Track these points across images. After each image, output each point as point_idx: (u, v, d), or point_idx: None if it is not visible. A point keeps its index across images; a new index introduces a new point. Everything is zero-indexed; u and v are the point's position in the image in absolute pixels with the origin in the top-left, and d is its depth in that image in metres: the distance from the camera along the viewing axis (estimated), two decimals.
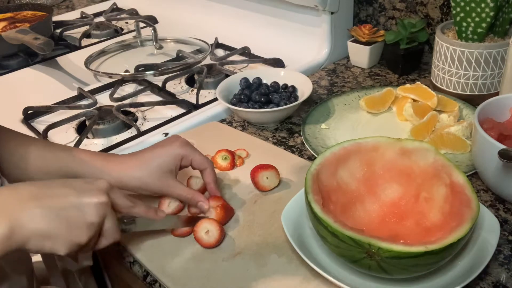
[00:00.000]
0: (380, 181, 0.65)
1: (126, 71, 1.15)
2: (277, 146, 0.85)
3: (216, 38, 1.29)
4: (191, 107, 1.00)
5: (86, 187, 0.53)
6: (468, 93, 0.92)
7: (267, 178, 0.73)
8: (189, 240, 0.66)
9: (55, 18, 1.61)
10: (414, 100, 0.89)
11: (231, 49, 1.24)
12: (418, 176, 0.63)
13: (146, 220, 0.62)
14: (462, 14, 0.88)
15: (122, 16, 1.57)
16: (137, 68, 1.17)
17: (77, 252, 0.53)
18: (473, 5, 0.86)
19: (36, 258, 0.73)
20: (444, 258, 0.53)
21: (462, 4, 0.87)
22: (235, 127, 0.92)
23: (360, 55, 1.10)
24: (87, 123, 0.97)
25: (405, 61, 1.05)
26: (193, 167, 0.69)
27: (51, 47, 1.14)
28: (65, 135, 0.95)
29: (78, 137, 0.90)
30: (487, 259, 0.55)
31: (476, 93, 0.91)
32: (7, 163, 0.66)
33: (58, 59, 1.32)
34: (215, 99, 1.01)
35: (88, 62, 1.23)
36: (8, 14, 1.45)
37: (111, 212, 0.55)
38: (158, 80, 1.12)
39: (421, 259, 0.51)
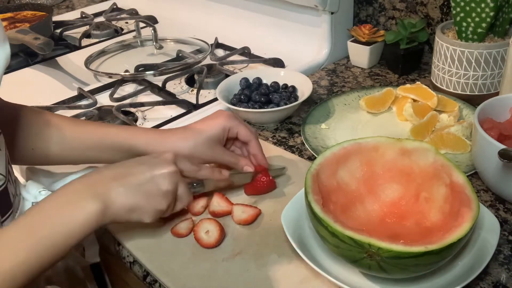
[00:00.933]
0: (380, 181, 0.65)
1: (126, 71, 1.15)
2: (277, 146, 0.85)
3: (216, 38, 1.29)
4: (191, 107, 1.00)
5: (155, 161, 0.61)
6: (468, 93, 0.92)
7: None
8: (189, 240, 0.66)
9: (55, 18, 1.61)
10: (414, 100, 0.89)
11: (231, 49, 1.24)
12: (418, 176, 0.63)
13: (212, 181, 0.69)
14: (462, 14, 0.88)
15: (122, 16, 1.57)
16: (137, 68, 1.17)
17: (160, 217, 0.62)
18: (473, 5, 0.86)
19: None
20: (444, 258, 0.53)
21: (462, 4, 0.87)
22: None
23: (360, 55, 1.10)
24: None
25: (405, 61, 1.05)
26: (239, 139, 0.74)
27: (51, 47, 1.14)
28: None
29: None
30: (487, 259, 0.55)
31: (476, 93, 0.91)
32: (35, 146, 0.71)
33: (58, 59, 1.32)
34: (215, 99, 1.01)
35: (88, 62, 1.23)
36: (8, 14, 1.45)
37: (182, 179, 0.63)
38: (158, 80, 1.12)
39: (421, 259, 0.51)
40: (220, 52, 1.26)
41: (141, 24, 1.39)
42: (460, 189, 0.58)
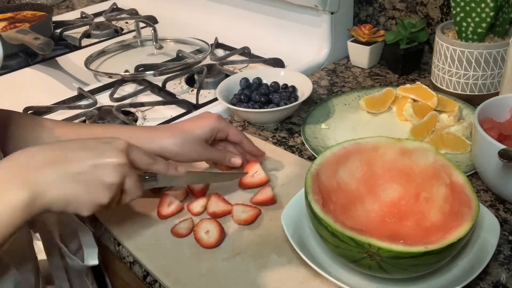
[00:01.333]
0: (380, 181, 0.65)
1: (126, 71, 1.15)
2: (277, 146, 0.85)
3: (216, 38, 1.29)
4: (191, 107, 1.00)
5: (104, 148, 0.53)
6: (468, 93, 0.92)
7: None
8: (189, 240, 0.66)
9: (55, 18, 1.61)
10: (414, 100, 0.89)
11: (231, 49, 1.24)
12: (418, 176, 0.63)
13: (167, 176, 0.64)
14: (462, 14, 0.88)
15: (122, 16, 1.57)
16: (137, 68, 1.17)
17: (101, 210, 0.54)
18: (473, 5, 0.86)
19: (41, 256, 0.73)
20: (444, 258, 0.53)
21: (462, 4, 0.87)
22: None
23: (360, 55, 1.10)
24: (87, 123, 0.97)
25: (405, 61, 1.05)
26: (230, 140, 0.75)
27: (51, 47, 1.14)
28: None
29: None
30: (487, 259, 0.55)
31: (476, 93, 0.91)
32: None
33: (58, 59, 1.32)
34: (215, 99, 1.01)
35: (88, 62, 1.23)
36: (8, 14, 1.45)
37: (131, 171, 0.56)
38: (158, 80, 1.12)
39: (421, 259, 0.51)
40: (220, 52, 1.26)
41: (141, 24, 1.39)
42: (460, 189, 0.58)
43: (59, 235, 0.71)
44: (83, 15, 1.60)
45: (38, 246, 0.77)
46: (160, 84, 1.10)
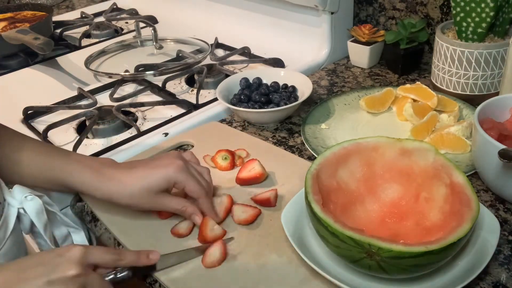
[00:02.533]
0: (380, 181, 0.65)
1: (126, 71, 1.15)
2: (277, 146, 0.85)
3: (216, 38, 1.29)
4: (191, 107, 1.00)
5: (57, 262, 0.53)
6: (468, 93, 0.92)
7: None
8: (189, 240, 0.66)
9: (55, 18, 1.61)
10: (414, 100, 0.89)
11: (231, 49, 1.24)
12: (418, 176, 0.63)
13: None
14: (462, 14, 0.88)
15: (122, 16, 1.57)
16: (137, 68, 1.17)
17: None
18: (473, 5, 0.86)
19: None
20: (444, 258, 0.53)
21: (462, 4, 0.87)
22: (235, 127, 0.92)
23: (360, 55, 1.10)
24: (87, 123, 0.97)
25: (405, 61, 1.05)
26: (187, 194, 0.68)
27: (51, 47, 1.14)
28: (65, 135, 0.95)
29: (78, 137, 0.90)
30: (487, 259, 0.55)
31: (476, 93, 0.91)
32: (3, 168, 0.67)
33: (58, 59, 1.32)
34: (215, 99, 1.01)
35: (88, 62, 1.23)
36: (8, 14, 1.45)
37: (91, 276, 0.54)
38: (158, 80, 1.12)
39: (421, 259, 0.51)
40: (220, 52, 1.26)
41: (141, 24, 1.39)
42: (460, 189, 0.58)
43: (53, 237, 0.71)
44: (83, 15, 1.60)
45: (31, 247, 0.77)
46: (160, 84, 1.10)
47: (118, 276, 0.58)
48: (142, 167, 0.67)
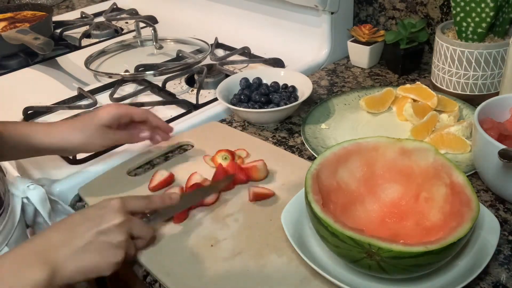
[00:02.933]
0: (380, 181, 0.65)
1: (126, 71, 1.15)
2: (277, 146, 0.85)
3: (216, 38, 1.29)
4: (191, 107, 1.00)
5: (101, 214, 0.59)
6: (468, 93, 0.92)
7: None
8: (189, 240, 0.66)
9: (55, 18, 1.61)
10: (414, 100, 0.89)
11: (231, 49, 1.24)
12: (418, 176, 0.63)
13: (167, 208, 0.67)
14: (462, 14, 0.88)
15: (122, 16, 1.57)
16: (137, 68, 1.17)
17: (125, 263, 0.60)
18: (473, 5, 0.86)
19: None
20: (444, 258, 0.53)
21: (462, 4, 0.87)
22: (235, 127, 0.92)
23: (360, 55, 1.10)
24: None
25: (405, 61, 1.05)
26: (136, 120, 0.77)
27: (51, 47, 1.14)
28: None
29: None
30: (487, 259, 0.55)
31: (476, 93, 0.91)
32: None
33: (58, 59, 1.32)
34: (215, 99, 1.01)
35: (88, 62, 1.23)
36: (8, 14, 1.45)
37: (133, 221, 0.61)
38: (158, 80, 1.11)
39: (421, 259, 0.51)
40: (220, 52, 1.26)
41: (141, 24, 1.39)
42: (460, 189, 0.58)
43: None
44: (83, 15, 1.60)
45: None
46: (160, 84, 1.10)
47: (150, 220, 0.65)
48: (87, 114, 0.76)
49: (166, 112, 1.00)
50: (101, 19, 1.55)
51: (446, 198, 0.60)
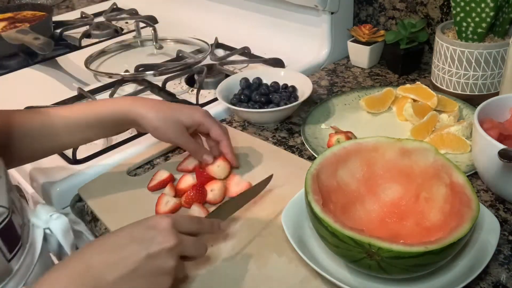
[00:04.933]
0: (380, 181, 0.65)
1: (126, 71, 1.15)
2: (277, 146, 0.85)
3: (216, 38, 1.29)
4: None
5: (151, 235, 0.52)
6: (468, 93, 0.92)
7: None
8: None
9: (55, 18, 1.61)
10: (414, 100, 0.89)
11: (231, 49, 1.24)
12: (418, 176, 0.63)
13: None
14: (462, 14, 0.88)
15: (122, 16, 1.57)
16: (137, 68, 1.17)
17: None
18: (473, 5, 0.86)
19: None
20: (444, 258, 0.53)
21: (462, 4, 0.87)
22: (235, 127, 0.92)
23: (360, 55, 1.10)
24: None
25: (405, 61, 1.05)
26: (211, 137, 0.77)
27: (51, 47, 1.14)
28: None
29: None
30: (487, 259, 0.55)
31: (476, 93, 0.91)
32: (41, 139, 0.71)
33: (58, 59, 1.32)
34: (215, 99, 1.01)
35: (88, 62, 1.23)
36: (8, 14, 1.45)
37: (186, 243, 0.55)
38: (158, 80, 1.11)
39: (421, 259, 0.51)
40: (220, 52, 1.26)
41: (141, 24, 1.39)
42: (460, 189, 0.58)
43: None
44: (83, 15, 1.60)
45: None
46: (160, 84, 1.10)
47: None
48: (176, 104, 0.76)
49: None
50: (101, 19, 1.55)
51: (446, 198, 0.60)
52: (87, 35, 1.45)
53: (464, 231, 0.52)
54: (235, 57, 1.21)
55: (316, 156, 0.76)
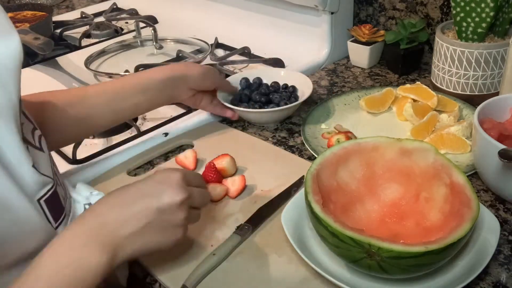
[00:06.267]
0: (380, 181, 0.65)
1: (126, 71, 1.15)
2: (277, 146, 0.85)
3: (216, 38, 1.29)
4: (191, 107, 1.00)
5: (161, 189, 0.54)
6: (468, 93, 0.92)
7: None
8: (189, 240, 0.66)
9: (55, 18, 1.61)
10: (414, 100, 0.89)
11: (231, 49, 1.24)
12: (418, 176, 0.63)
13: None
14: (462, 14, 0.88)
15: (122, 16, 1.57)
16: (137, 68, 1.17)
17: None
18: (473, 5, 0.86)
19: None
20: (444, 258, 0.53)
21: (462, 4, 0.87)
22: (235, 127, 0.92)
23: (360, 55, 1.10)
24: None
25: (405, 61, 1.05)
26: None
27: (51, 47, 1.14)
28: None
29: None
30: (487, 259, 0.55)
31: (476, 93, 0.91)
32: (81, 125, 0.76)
33: (58, 59, 1.32)
34: None
35: (88, 62, 1.23)
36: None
37: (194, 194, 0.57)
38: None
39: (421, 259, 0.51)
40: (220, 52, 1.26)
41: (141, 24, 1.39)
42: (460, 189, 0.58)
43: None
44: (83, 15, 1.60)
45: None
46: None
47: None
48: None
49: (166, 112, 1.00)
50: (101, 19, 1.55)
51: (446, 198, 0.60)
52: (87, 35, 1.45)
53: (464, 231, 0.52)
54: (235, 57, 1.21)
55: (316, 156, 0.76)
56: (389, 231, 0.61)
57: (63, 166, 0.84)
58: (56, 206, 0.58)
